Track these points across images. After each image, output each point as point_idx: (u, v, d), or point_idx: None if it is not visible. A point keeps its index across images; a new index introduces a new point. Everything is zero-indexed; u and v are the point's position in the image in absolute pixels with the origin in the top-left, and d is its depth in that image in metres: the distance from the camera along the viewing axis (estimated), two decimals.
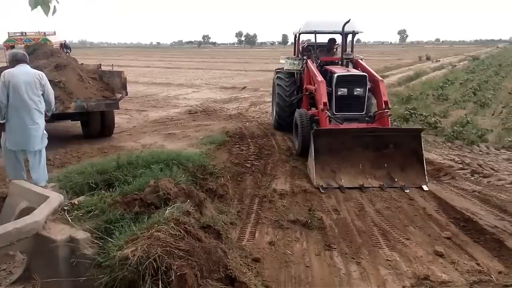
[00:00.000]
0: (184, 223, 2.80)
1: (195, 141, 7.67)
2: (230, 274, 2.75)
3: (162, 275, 2.40)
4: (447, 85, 17.39)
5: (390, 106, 6.68)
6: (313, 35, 7.99)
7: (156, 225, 2.73)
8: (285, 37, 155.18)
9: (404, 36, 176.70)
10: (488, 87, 16.76)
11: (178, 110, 11.89)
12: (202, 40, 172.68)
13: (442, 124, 9.27)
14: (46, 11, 1.91)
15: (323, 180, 5.47)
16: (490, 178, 5.93)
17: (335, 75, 6.62)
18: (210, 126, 9.29)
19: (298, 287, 3.28)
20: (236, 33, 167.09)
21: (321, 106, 6.27)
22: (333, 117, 6.35)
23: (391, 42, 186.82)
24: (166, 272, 2.42)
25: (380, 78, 6.86)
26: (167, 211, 2.96)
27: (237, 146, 7.55)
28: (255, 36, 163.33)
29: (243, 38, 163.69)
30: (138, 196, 3.42)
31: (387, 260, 3.71)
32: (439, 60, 37.12)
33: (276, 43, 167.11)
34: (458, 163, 6.58)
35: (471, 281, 3.23)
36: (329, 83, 6.69)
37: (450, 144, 7.90)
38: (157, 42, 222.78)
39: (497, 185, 5.66)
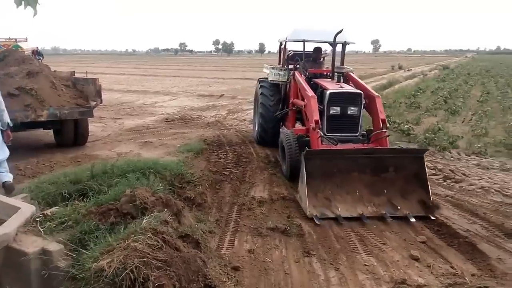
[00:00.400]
0: (162, 232, 2.75)
1: (172, 149, 7.58)
2: (210, 284, 2.72)
3: (139, 286, 2.34)
4: (419, 94, 17.92)
5: (388, 125, 6.01)
6: (299, 44, 7.51)
7: (133, 236, 2.67)
8: (262, 45, 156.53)
9: (377, 46, 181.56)
10: (458, 95, 17.40)
11: (155, 118, 11.74)
12: (179, 47, 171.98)
13: (414, 131, 9.54)
14: (34, 6, 1.84)
15: (317, 210, 4.76)
16: (462, 183, 6.13)
17: (328, 92, 5.95)
18: (187, 134, 9.21)
19: None
20: (213, 41, 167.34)
21: (313, 125, 5.60)
22: (326, 138, 5.70)
23: (364, 52, 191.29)
24: (144, 283, 2.37)
25: (376, 94, 6.18)
26: (144, 221, 2.91)
27: (215, 154, 7.52)
28: (232, 44, 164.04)
29: (220, 46, 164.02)
30: (113, 206, 3.34)
31: (365, 265, 3.76)
32: (411, 69, 38.23)
33: (253, 52, 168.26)
34: (431, 169, 6.77)
35: (446, 284, 3.31)
36: (319, 99, 6.04)
37: None
38: (132, 49, 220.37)
39: (469, 190, 5.85)
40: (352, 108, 5.94)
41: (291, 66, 7.64)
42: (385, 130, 5.80)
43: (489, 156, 7.78)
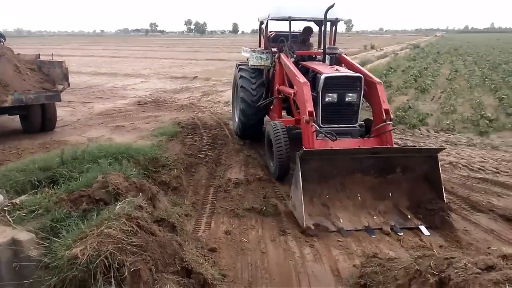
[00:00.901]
0: (137, 218, 2.72)
1: (145, 133, 7.45)
2: (187, 266, 2.73)
3: (114, 272, 2.33)
4: (390, 73, 18.23)
5: (392, 115, 5.20)
6: (281, 25, 6.90)
7: (106, 222, 2.63)
8: (235, 26, 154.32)
9: (350, 25, 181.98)
10: (427, 74, 17.80)
11: (126, 101, 11.46)
12: (149, 28, 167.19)
13: None
14: None
15: (314, 219, 4.09)
16: None
17: (323, 77, 5.07)
18: (161, 117, 9.06)
19: (255, 273, 3.33)
20: (185, 21, 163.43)
21: (306, 117, 4.77)
22: (322, 131, 4.82)
23: (337, 32, 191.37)
24: (119, 269, 2.35)
25: (377, 80, 5.30)
26: (117, 207, 2.86)
27: (190, 136, 7.45)
28: (205, 24, 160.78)
29: (192, 27, 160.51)
30: (85, 192, 3.28)
31: (338, 241, 3.87)
32: (383, 49, 38.70)
33: (227, 32, 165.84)
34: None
35: (416, 256, 3.45)
36: (311, 85, 5.20)
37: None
38: (101, 30, 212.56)
39: None
40: (350, 94, 5.12)
41: (274, 49, 6.66)
42: (389, 122, 5.01)
43: (457, 132, 8.07)
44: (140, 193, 3.34)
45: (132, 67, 22.29)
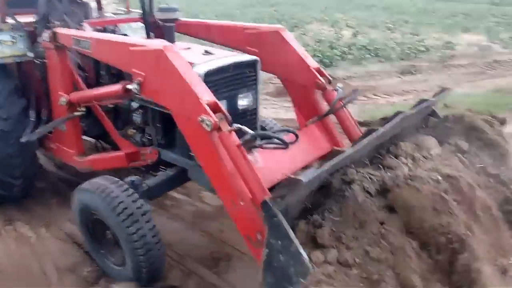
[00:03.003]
0: None
1: None
2: None
3: None
4: None
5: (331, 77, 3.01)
6: None
7: None
8: None
9: None
10: None
11: None
12: None
13: None
14: None
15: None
16: None
17: (198, 73, 2.52)
18: None
19: None
20: None
21: (210, 118, 2.08)
22: (261, 135, 2.56)
23: None
24: None
25: (277, 26, 3.23)
26: None
27: None
28: None
29: None
30: None
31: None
32: None
33: None
34: None
35: None
36: None
37: None
38: None
39: None
40: (244, 95, 2.87)
41: (25, 21, 3.52)
42: (339, 87, 2.90)
43: None
44: None
45: None
